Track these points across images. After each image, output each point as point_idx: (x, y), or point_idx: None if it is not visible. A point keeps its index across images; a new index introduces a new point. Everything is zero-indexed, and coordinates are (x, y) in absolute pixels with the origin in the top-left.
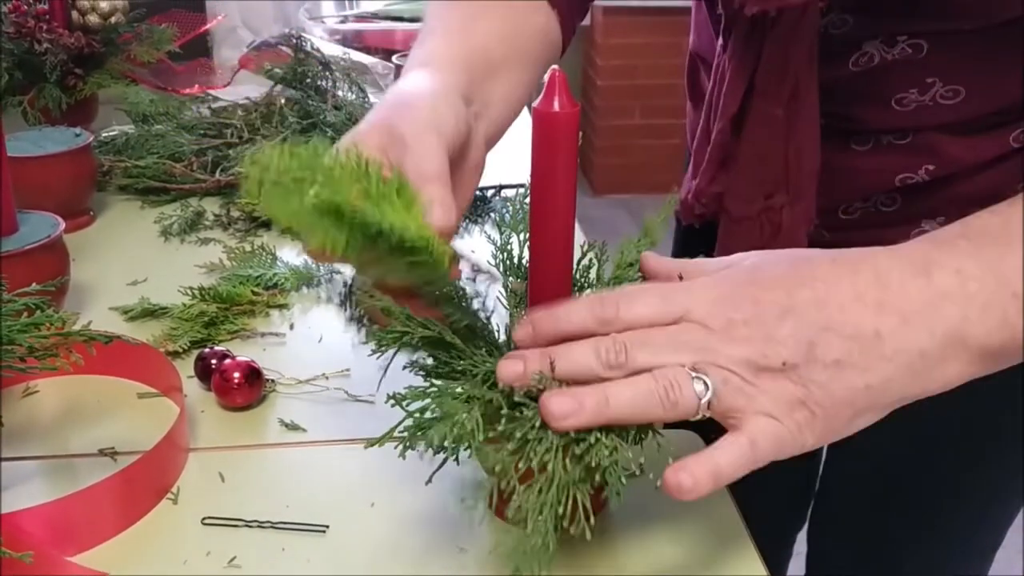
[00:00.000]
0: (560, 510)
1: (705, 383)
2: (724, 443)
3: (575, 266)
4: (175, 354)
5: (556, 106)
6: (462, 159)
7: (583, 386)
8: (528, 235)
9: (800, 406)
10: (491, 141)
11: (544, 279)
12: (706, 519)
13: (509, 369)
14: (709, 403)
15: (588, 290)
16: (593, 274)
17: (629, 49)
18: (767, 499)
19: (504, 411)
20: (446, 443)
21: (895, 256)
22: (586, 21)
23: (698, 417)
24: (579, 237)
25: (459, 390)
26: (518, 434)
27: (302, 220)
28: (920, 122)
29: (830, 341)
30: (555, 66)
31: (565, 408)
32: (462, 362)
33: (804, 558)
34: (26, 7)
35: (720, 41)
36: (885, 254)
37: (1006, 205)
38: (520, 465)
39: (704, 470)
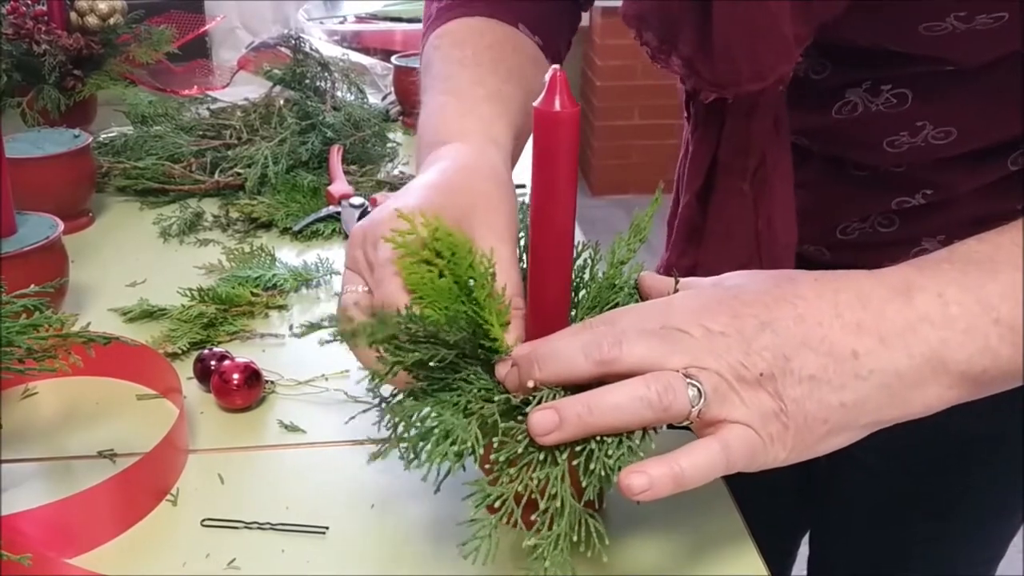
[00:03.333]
0: (575, 537)
1: (698, 389)
2: (693, 446)
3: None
4: (174, 355)
5: (557, 105)
6: None
7: (569, 397)
8: (528, 235)
9: (774, 418)
10: None
11: (544, 279)
12: (706, 519)
13: (503, 370)
14: (700, 411)
15: (583, 291)
16: (587, 274)
17: (628, 50)
18: (771, 501)
19: (500, 425)
20: (447, 459)
21: (878, 278)
22: (585, 22)
23: (684, 423)
24: (578, 237)
25: (455, 398)
26: (504, 456)
27: (422, 288)
28: (914, 159)
29: (806, 357)
30: (556, 66)
31: (546, 423)
32: (456, 375)
33: (806, 559)
34: (24, 8)
35: (685, 114)
36: (868, 276)
37: (994, 233)
38: (521, 489)
39: (662, 472)
